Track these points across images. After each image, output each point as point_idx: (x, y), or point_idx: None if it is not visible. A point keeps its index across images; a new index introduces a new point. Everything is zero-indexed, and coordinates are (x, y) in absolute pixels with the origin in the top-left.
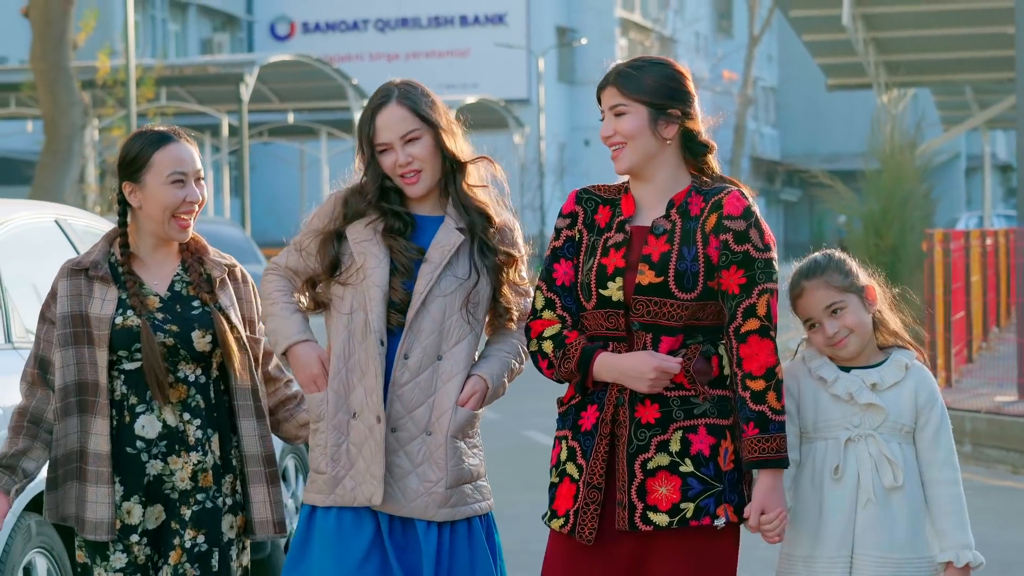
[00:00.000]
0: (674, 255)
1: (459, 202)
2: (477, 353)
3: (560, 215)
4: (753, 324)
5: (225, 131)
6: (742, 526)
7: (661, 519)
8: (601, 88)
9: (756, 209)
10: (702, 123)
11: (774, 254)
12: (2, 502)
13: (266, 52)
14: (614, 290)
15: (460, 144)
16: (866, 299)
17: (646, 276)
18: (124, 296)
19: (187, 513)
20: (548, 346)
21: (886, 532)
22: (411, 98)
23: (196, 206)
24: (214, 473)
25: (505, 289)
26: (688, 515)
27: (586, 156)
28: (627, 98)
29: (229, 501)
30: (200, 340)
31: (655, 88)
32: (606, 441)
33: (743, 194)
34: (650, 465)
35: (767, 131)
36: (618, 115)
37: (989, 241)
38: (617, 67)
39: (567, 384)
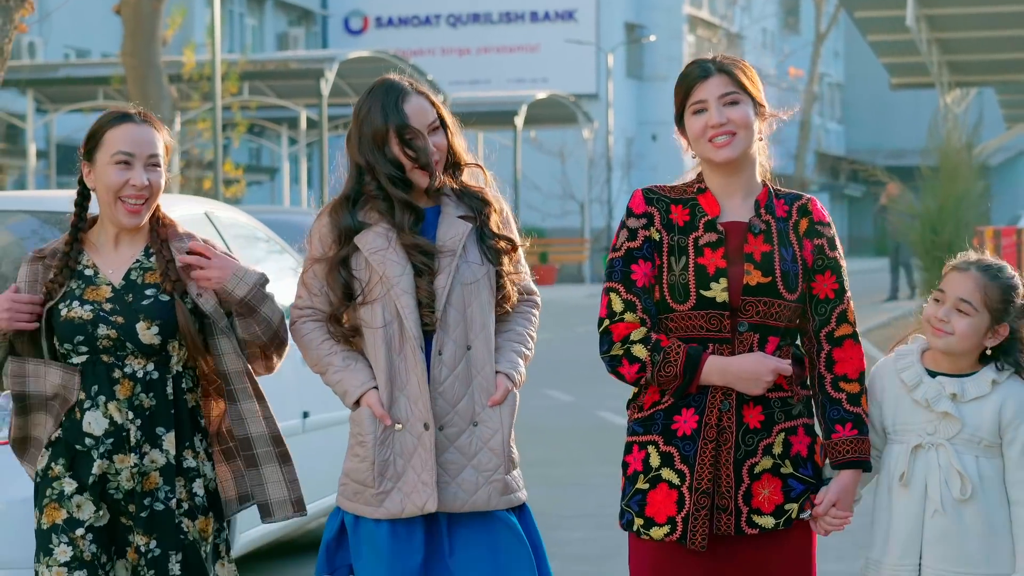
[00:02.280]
0: (776, 255)
1: (458, 190)
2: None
3: (632, 215)
4: (847, 329)
5: (303, 124)
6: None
7: (767, 521)
8: (701, 77)
9: None
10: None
11: None
12: None
13: (341, 47)
14: (718, 291)
15: (463, 143)
16: (995, 330)
17: (753, 276)
18: (75, 287)
19: (141, 513)
20: (639, 350)
21: (955, 546)
22: (426, 94)
23: (145, 192)
24: (164, 474)
25: (504, 277)
26: (793, 515)
27: (653, 151)
28: (739, 88)
29: (185, 505)
30: (145, 332)
31: (755, 84)
32: (712, 446)
33: (820, 203)
34: (756, 469)
35: (832, 127)
36: (730, 103)
37: None
38: (719, 57)
39: (643, 387)
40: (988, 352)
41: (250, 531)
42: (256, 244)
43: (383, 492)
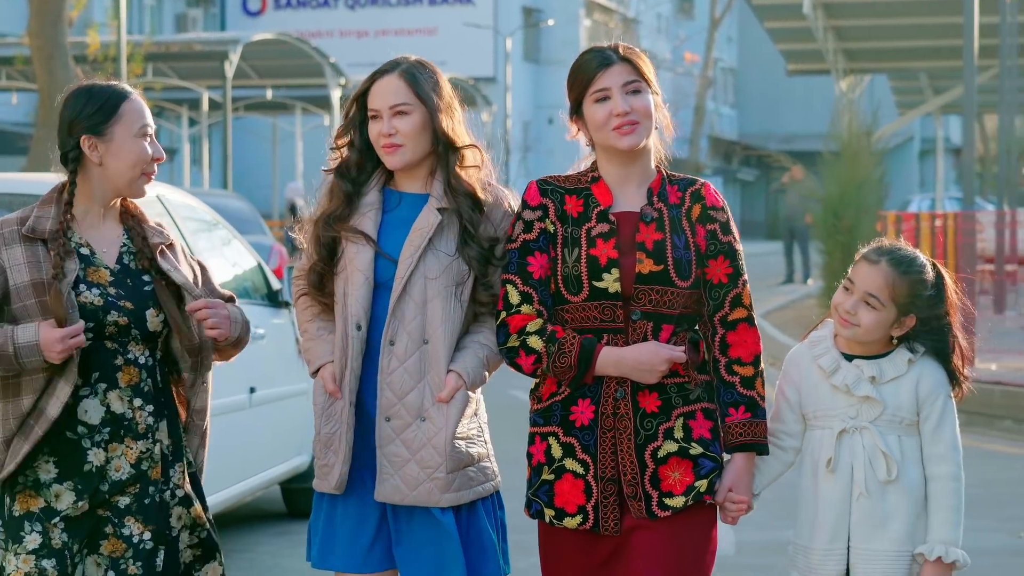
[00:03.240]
0: (668, 243)
1: (447, 183)
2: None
3: (527, 207)
4: (741, 313)
5: (205, 105)
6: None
7: (677, 501)
8: (604, 65)
9: None
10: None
11: None
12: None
13: (239, 28)
14: (610, 281)
15: (456, 128)
16: (901, 322)
17: (645, 264)
18: (79, 268)
19: (123, 501)
20: (535, 341)
21: (880, 526)
22: (412, 74)
23: (157, 164)
24: (163, 464)
25: (491, 276)
26: (702, 490)
27: (550, 134)
28: (642, 78)
29: (180, 492)
30: (154, 319)
31: (652, 73)
32: (611, 434)
33: (714, 187)
34: (660, 453)
35: (725, 111)
36: (633, 92)
37: (939, 223)
38: (620, 46)
39: (542, 378)
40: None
41: None
42: (204, 226)
43: (327, 465)
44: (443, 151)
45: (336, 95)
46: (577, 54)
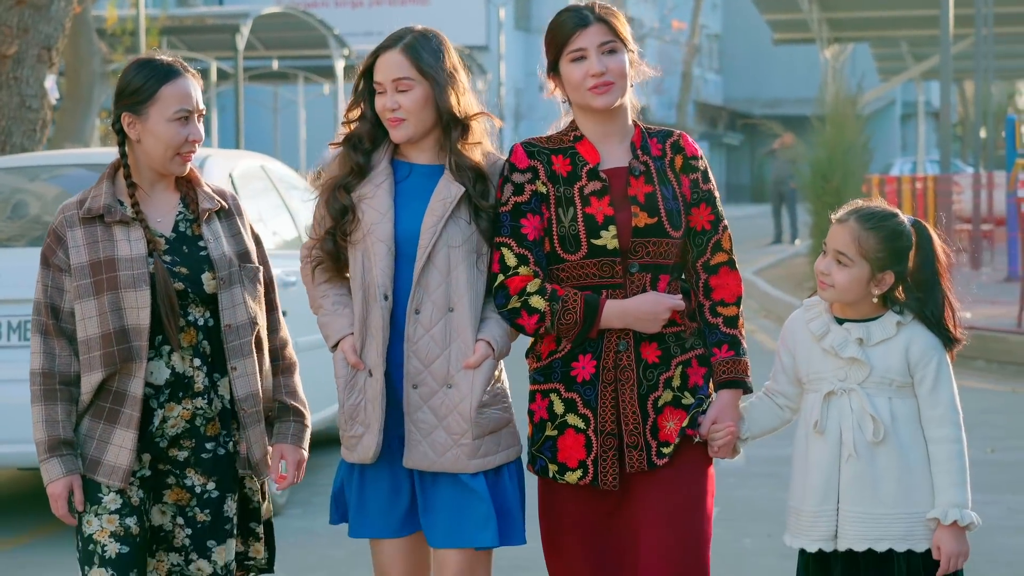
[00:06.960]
0: (659, 195)
1: (452, 159)
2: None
3: (516, 170)
4: (722, 257)
5: (214, 76)
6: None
7: (671, 449)
8: (580, 26)
9: None
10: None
11: None
12: (78, 489)
13: (241, 1)
14: (608, 238)
15: (461, 100)
16: (878, 278)
17: (640, 218)
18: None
19: (180, 455)
20: (537, 301)
21: (869, 488)
22: (415, 48)
23: (197, 144)
24: (221, 419)
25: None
26: (684, 424)
27: (542, 102)
28: (616, 37)
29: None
30: (210, 282)
31: (627, 32)
32: (611, 388)
33: (690, 137)
34: (660, 403)
35: (711, 77)
36: (609, 52)
37: (919, 185)
38: (596, 6)
39: (540, 337)
40: (899, 295)
41: None
42: (300, 191)
43: (355, 436)
44: (447, 126)
45: (340, 65)
46: None
